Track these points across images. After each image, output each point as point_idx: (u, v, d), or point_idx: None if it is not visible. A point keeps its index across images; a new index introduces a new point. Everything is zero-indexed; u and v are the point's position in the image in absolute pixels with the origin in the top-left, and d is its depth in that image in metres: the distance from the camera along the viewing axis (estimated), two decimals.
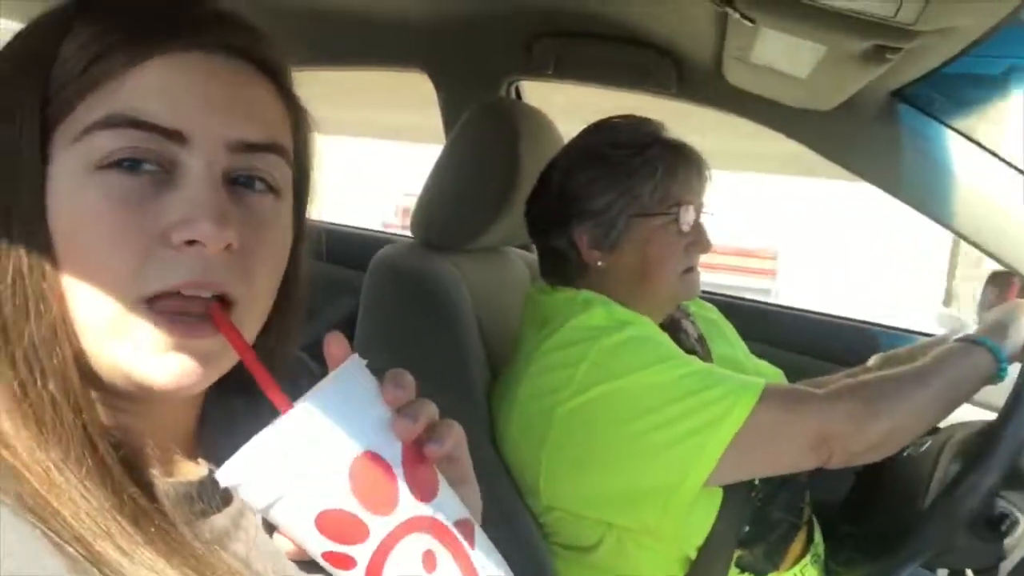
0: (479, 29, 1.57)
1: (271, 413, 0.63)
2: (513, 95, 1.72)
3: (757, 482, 1.09)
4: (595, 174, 1.13)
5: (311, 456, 0.44)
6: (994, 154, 1.35)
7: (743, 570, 1.07)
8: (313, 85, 0.62)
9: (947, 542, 0.99)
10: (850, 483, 1.25)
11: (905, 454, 1.13)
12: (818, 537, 1.16)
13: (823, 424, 0.99)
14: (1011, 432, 0.96)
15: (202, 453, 0.58)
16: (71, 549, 0.44)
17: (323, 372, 0.49)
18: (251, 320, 0.53)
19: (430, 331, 1.19)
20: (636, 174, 1.11)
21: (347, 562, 0.46)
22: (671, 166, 1.12)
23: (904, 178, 1.38)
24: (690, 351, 1.17)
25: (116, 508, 0.46)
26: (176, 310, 0.48)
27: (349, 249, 1.69)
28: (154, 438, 0.52)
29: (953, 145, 1.36)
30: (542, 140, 1.33)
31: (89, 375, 0.48)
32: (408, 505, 0.47)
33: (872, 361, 1.29)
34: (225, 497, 0.55)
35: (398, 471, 0.47)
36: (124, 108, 0.47)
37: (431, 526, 0.47)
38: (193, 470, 0.56)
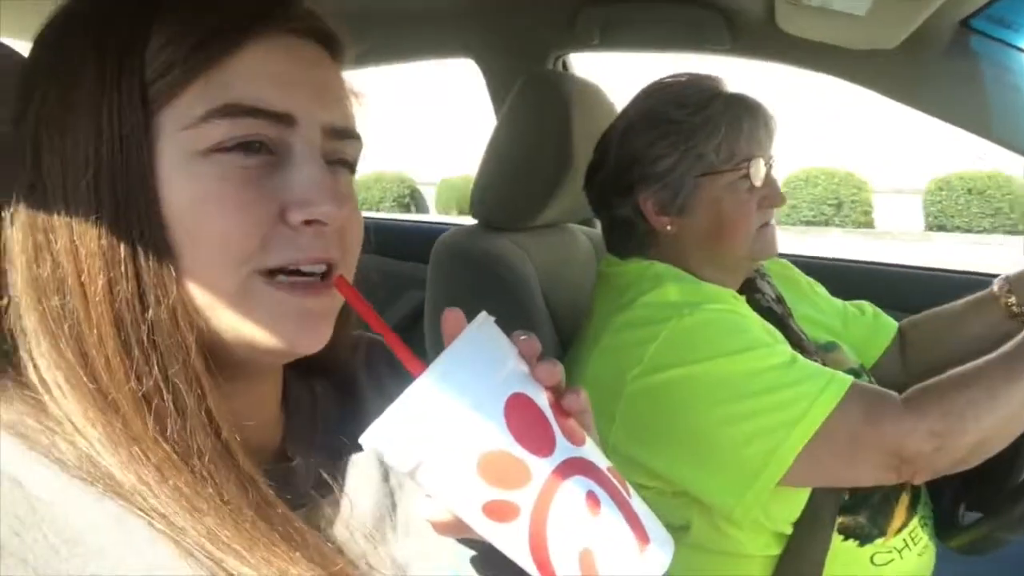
0: (521, 6, 1.55)
1: (347, 393, 0.63)
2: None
3: None
4: (655, 136, 1.09)
5: (463, 402, 0.44)
6: None
7: (847, 537, 1.02)
8: None
9: None
10: None
11: None
12: (925, 498, 1.10)
13: (904, 442, 0.90)
14: None
15: (289, 436, 0.58)
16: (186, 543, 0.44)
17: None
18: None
19: (497, 311, 1.16)
20: (698, 132, 1.06)
21: (510, 511, 0.45)
22: (735, 121, 1.07)
23: (986, 115, 1.30)
24: (766, 311, 1.12)
25: (241, 498, 0.46)
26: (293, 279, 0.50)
27: (410, 243, 1.69)
28: (244, 419, 0.52)
29: None
30: (594, 110, 1.30)
31: (208, 355, 0.49)
32: (564, 447, 0.46)
33: (997, 285, 1.15)
34: (315, 483, 0.55)
35: (548, 414, 0.46)
36: (239, 96, 0.48)
37: (589, 469, 0.46)
38: (279, 454, 0.57)
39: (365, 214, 0.63)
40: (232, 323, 0.49)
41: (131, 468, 0.45)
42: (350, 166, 0.56)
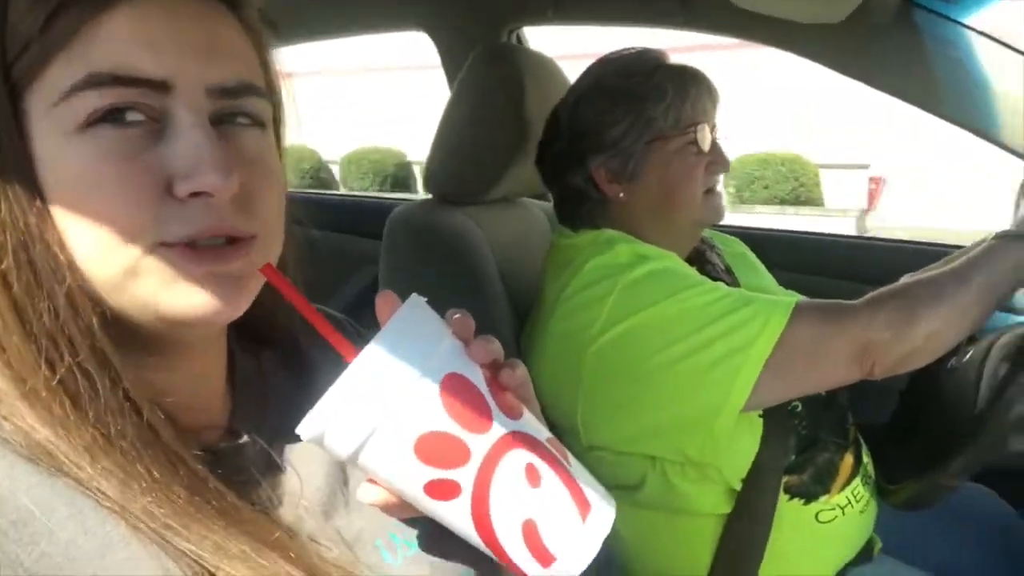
0: None
1: (297, 365, 0.63)
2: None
3: (800, 408, 1.07)
4: (605, 105, 1.11)
5: (399, 386, 0.44)
6: (1020, 52, 1.30)
7: (793, 496, 1.05)
8: None
9: (1000, 447, 0.97)
10: (894, 403, 1.23)
11: (949, 365, 1.10)
12: (866, 458, 1.14)
13: (862, 334, 0.95)
14: None
15: (236, 411, 0.57)
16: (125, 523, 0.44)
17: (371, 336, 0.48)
18: (273, 255, 0.53)
19: (452, 284, 1.18)
20: (647, 98, 1.09)
21: (451, 489, 0.46)
22: (681, 87, 1.10)
23: (931, 88, 1.33)
24: (716, 281, 1.15)
25: (170, 475, 0.46)
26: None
27: (364, 219, 1.68)
28: (185, 394, 0.52)
29: (977, 47, 1.31)
30: (548, 84, 1.31)
31: (121, 334, 0.48)
32: (502, 422, 0.46)
33: (904, 279, 1.26)
34: (264, 460, 0.54)
35: (485, 391, 0.47)
36: (105, 65, 0.45)
37: (527, 442, 0.47)
38: (229, 433, 0.56)
39: (319, 191, 0.61)
40: (139, 300, 0.47)
41: (62, 450, 0.44)
42: (258, 122, 0.52)
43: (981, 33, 1.31)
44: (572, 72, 1.22)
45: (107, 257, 0.46)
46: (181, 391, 0.52)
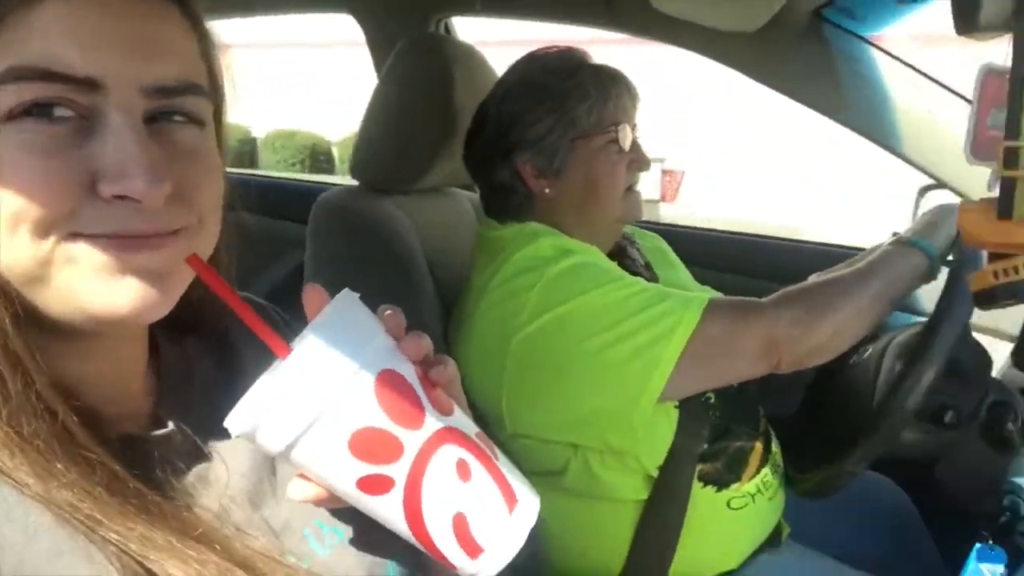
0: None
1: (224, 352, 0.61)
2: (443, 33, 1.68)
3: (713, 399, 1.12)
4: (531, 102, 1.13)
5: (332, 382, 0.44)
6: (917, 70, 1.39)
7: (706, 483, 1.10)
8: None
9: (895, 438, 1.03)
10: (801, 396, 1.30)
11: (851, 361, 1.17)
12: (775, 447, 1.20)
13: (770, 330, 1.01)
14: (946, 327, 1.00)
15: (161, 399, 0.56)
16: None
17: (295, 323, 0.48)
18: (203, 249, 0.51)
19: (379, 273, 1.17)
20: (570, 97, 1.12)
21: (384, 484, 0.46)
22: (603, 87, 1.13)
23: (837, 98, 1.41)
24: (635, 275, 1.18)
25: (86, 476, 0.44)
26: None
27: (291, 202, 1.64)
28: (106, 383, 0.51)
29: (877, 62, 1.39)
30: (476, 75, 1.31)
31: (36, 326, 0.46)
32: (434, 418, 0.47)
33: (811, 279, 1.33)
34: (189, 449, 0.53)
35: (417, 388, 0.47)
36: (31, 58, 0.43)
37: (458, 438, 0.48)
38: (153, 422, 0.54)
39: (244, 172, 0.59)
40: (58, 294, 0.45)
41: None
42: (196, 121, 0.50)
43: (885, 52, 1.40)
44: (508, 58, 1.23)
45: (20, 248, 0.44)
46: (103, 380, 0.50)
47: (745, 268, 1.64)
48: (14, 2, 0.43)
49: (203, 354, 0.61)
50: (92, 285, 0.45)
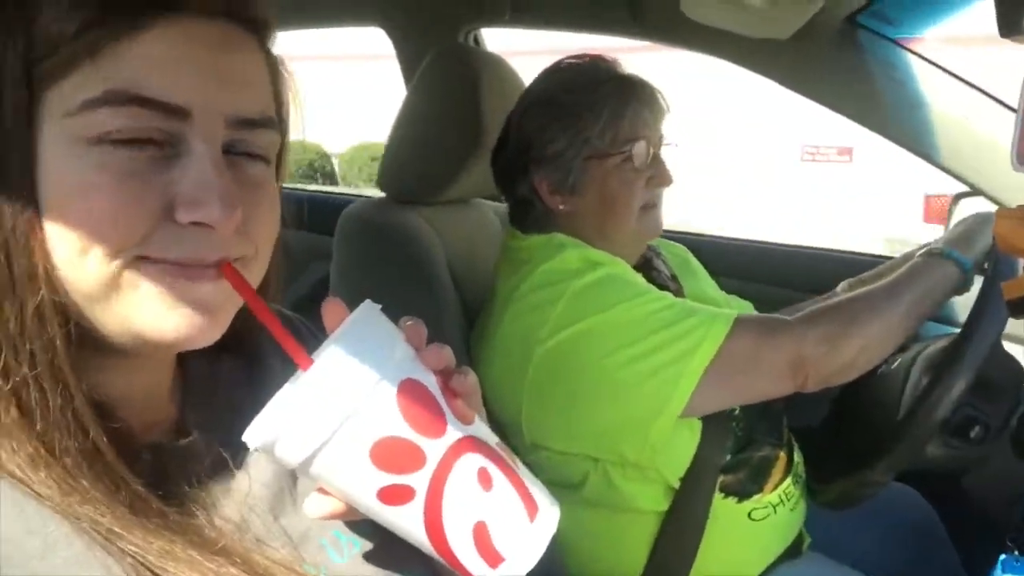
0: None
1: (250, 363, 0.63)
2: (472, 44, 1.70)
3: (737, 411, 1.11)
4: (546, 120, 1.13)
5: (353, 392, 0.44)
6: (953, 74, 1.36)
7: (728, 494, 1.09)
8: None
9: (921, 452, 1.02)
10: (826, 407, 1.28)
11: (878, 372, 1.15)
12: (798, 458, 1.19)
13: (797, 349, 1.00)
14: (976, 341, 0.98)
15: (186, 409, 0.57)
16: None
17: (321, 334, 0.49)
18: (253, 277, 0.53)
19: (403, 284, 1.19)
20: (584, 117, 1.11)
21: (405, 494, 0.46)
22: (618, 105, 1.11)
23: (872, 105, 1.38)
24: (663, 289, 1.18)
25: (110, 494, 0.45)
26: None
27: (319, 214, 1.67)
28: (137, 395, 0.52)
29: (913, 68, 1.36)
30: (503, 86, 1.32)
31: (85, 344, 0.47)
32: (456, 427, 0.47)
33: (840, 287, 1.31)
34: (212, 459, 0.54)
35: (439, 397, 0.47)
36: (126, 84, 0.44)
37: (480, 447, 0.48)
38: (177, 431, 0.56)
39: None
40: (116, 317, 0.47)
41: (4, 457, 0.44)
42: (262, 156, 0.52)
43: (921, 56, 1.37)
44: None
45: (89, 269, 0.45)
46: (133, 392, 0.52)
47: (769, 277, 1.62)
48: (120, 28, 0.45)
49: (229, 364, 0.62)
50: (150, 311, 0.47)
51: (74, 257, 0.45)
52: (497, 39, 1.77)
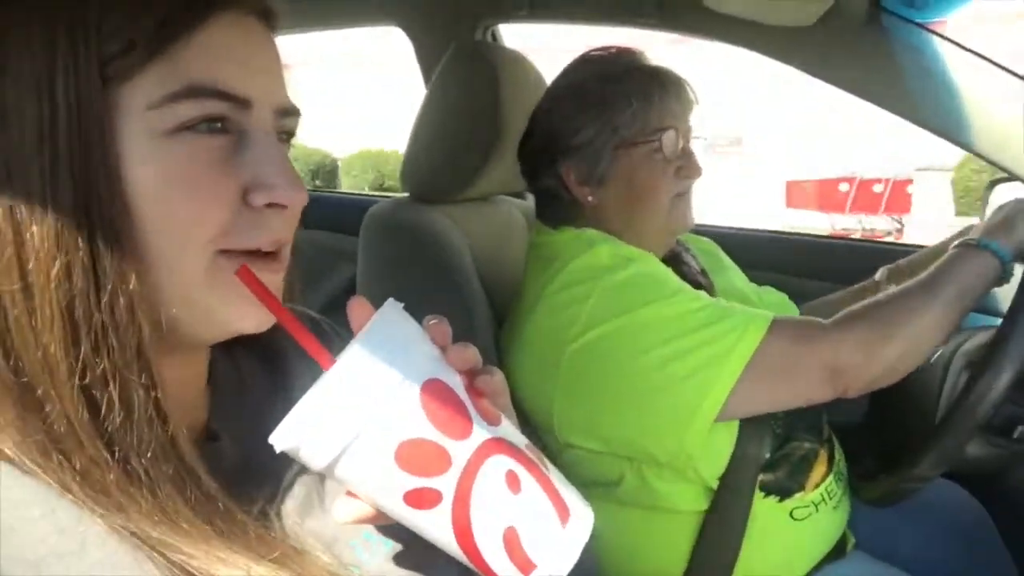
0: None
1: (276, 365, 0.63)
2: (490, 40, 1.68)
3: None
4: (574, 109, 1.11)
5: (376, 393, 0.43)
6: (986, 58, 1.33)
7: (768, 493, 1.07)
8: None
9: (960, 453, 0.98)
10: (866, 403, 1.25)
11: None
12: (839, 455, 1.16)
13: (834, 356, 0.96)
14: (1018, 335, 0.94)
15: (215, 412, 0.57)
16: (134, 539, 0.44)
17: (348, 334, 0.48)
18: (284, 266, 0.55)
19: (429, 283, 1.17)
20: (612, 105, 1.09)
21: (432, 497, 0.45)
22: (646, 94, 1.10)
23: (899, 91, 1.35)
24: (694, 284, 1.15)
25: (177, 493, 0.46)
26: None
27: (345, 215, 1.66)
28: (180, 394, 0.52)
29: (942, 52, 1.33)
30: (522, 81, 1.30)
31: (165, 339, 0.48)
32: (482, 428, 0.46)
33: (879, 275, 1.28)
34: (240, 462, 0.54)
35: (464, 398, 0.46)
36: (202, 78, 0.47)
37: (507, 448, 0.47)
38: (205, 431, 0.56)
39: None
40: (204, 307, 0.49)
41: (48, 469, 0.43)
42: (289, 145, 0.56)
43: (947, 39, 1.34)
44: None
45: (178, 263, 0.47)
46: (179, 390, 0.52)
47: (796, 269, 1.59)
48: (193, 24, 0.47)
49: (255, 366, 0.63)
50: (234, 302, 0.49)
51: (165, 250, 0.47)
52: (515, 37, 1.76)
